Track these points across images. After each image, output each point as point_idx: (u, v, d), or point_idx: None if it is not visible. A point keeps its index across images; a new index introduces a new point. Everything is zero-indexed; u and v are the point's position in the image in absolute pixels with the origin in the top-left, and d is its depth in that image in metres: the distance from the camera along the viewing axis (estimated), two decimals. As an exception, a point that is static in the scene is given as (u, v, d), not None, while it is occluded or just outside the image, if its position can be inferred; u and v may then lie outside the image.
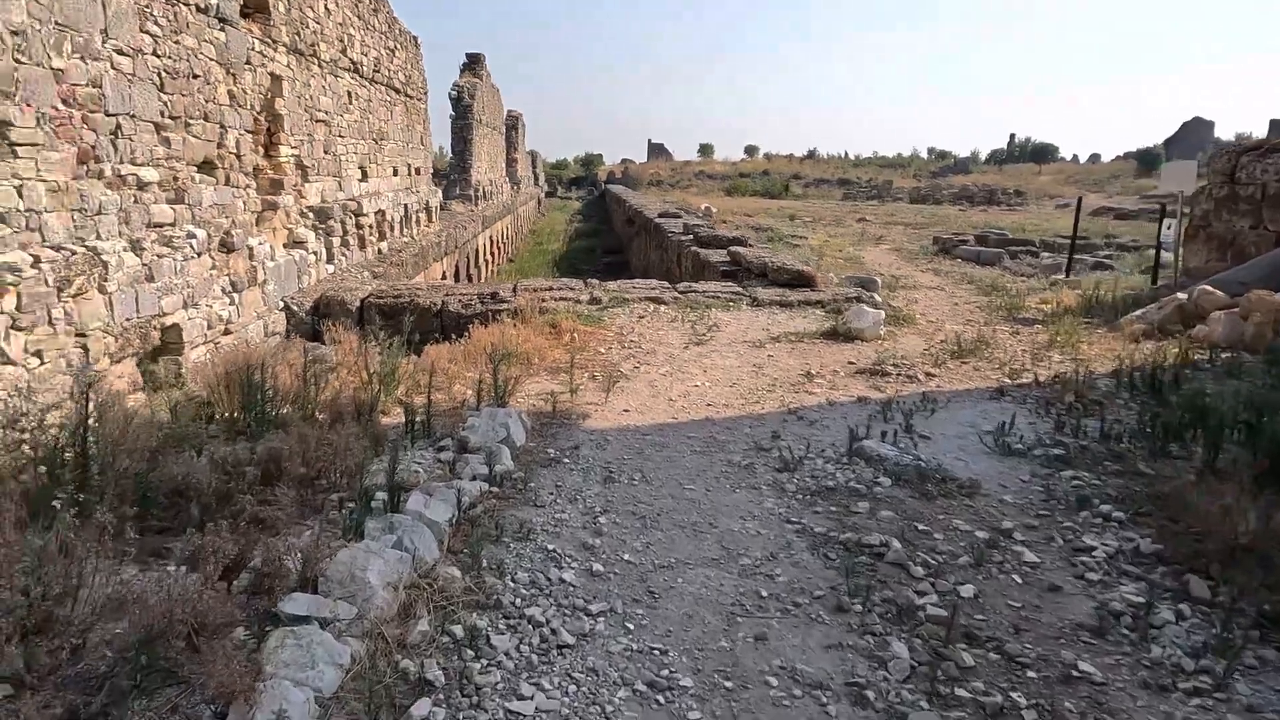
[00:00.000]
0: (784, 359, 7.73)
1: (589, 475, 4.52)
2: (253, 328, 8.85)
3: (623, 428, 5.45)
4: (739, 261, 12.90)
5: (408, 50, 16.71)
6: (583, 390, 6.25)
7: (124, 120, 6.66)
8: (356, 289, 10.33)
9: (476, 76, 26.85)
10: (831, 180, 57.48)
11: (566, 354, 7.49)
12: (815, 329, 8.99)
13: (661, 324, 9.16)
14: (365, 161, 13.62)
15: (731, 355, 7.81)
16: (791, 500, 4.25)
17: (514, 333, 7.33)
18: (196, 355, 7.65)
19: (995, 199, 44.38)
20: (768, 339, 8.55)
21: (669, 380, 6.77)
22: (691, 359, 7.58)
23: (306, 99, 10.93)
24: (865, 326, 8.69)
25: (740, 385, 6.71)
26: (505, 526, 3.70)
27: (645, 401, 6.10)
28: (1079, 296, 11.52)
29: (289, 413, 4.84)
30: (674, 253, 17.74)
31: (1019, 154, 66.11)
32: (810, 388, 6.66)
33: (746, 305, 10.31)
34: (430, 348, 7.32)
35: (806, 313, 10.05)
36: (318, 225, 11.26)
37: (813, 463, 4.78)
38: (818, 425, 5.58)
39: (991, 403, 6.25)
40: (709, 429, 5.48)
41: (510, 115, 40.16)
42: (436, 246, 17.53)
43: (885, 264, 21.11)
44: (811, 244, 24.37)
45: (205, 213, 7.98)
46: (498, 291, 10.33)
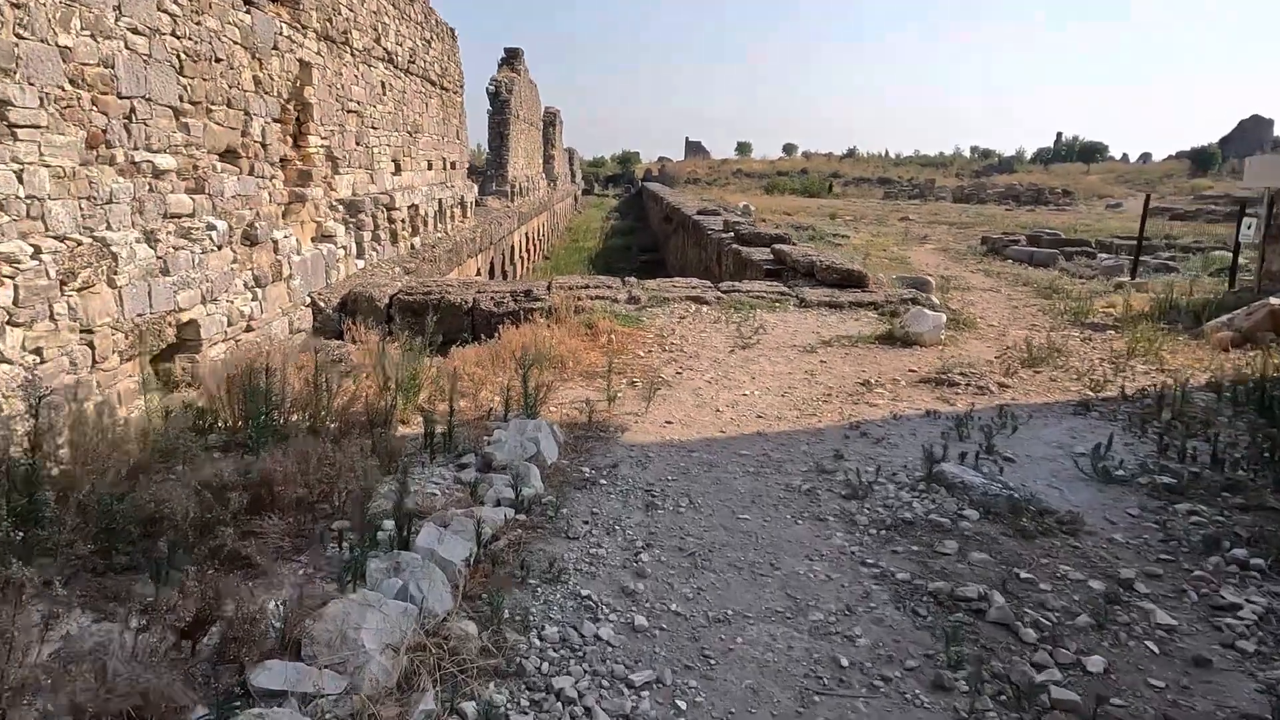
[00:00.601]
0: (838, 365, 7.09)
1: (629, 500, 3.95)
2: (277, 325, 8.43)
3: (665, 443, 4.87)
4: (783, 260, 12.25)
5: (444, 42, 16.29)
6: (621, 399, 5.68)
7: (139, 104, 6.24)
8: (385, 285, 9.89)
9: (514, 71, 26.42)
10: (871, 179, 56.31)
11: (603, 357, 6.93)
12: (869, 333, 8.33)
13: (704, 325, 8.57)
14: (399, 154, 13.21)
15: (781, 360, 7.19)
16: (864, 536, 3.63)
17: (547, 334, 6.78)
18: (215, 353, 7.23)
19: (1042, 199, 43.00)
20: (819, 343, 7.91)
21: (715, 388, 6.18)
22: (738, 364, 6.98)
23: (338, 88, 10.51)
24: (925, 331, 8.01)
25: (793, 395, 6.09)
26: (532, 564, 3.15)
27: (690, 412, 5.52)
28: (1150, 300, 10.70)
29: (297, 421, 4.34)
30: (713, 251, 17.11)
31: (1066, 153, 64.19)
32: (871, 399, 6.02)
33: (793, 306, 9.67)
34: (456, 350, 6.81)
35: (858, 315, 9.39)
36: (348, 219, 10.84)
37: (884, 489, 4.16)
38: (885, 443, 4.94)
39: (1077, 419, 5.56)
40: (761, 446, 4.88)
41: (548, 112, 39.77)
42: (471, 242, 17.10)
43: (932, 264, 20.28)
44: (854, 243, 23.60)
45: (227, 204, 7.56)
46: (531, 289, 9.81)
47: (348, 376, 5.66)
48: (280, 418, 4.17)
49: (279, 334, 8.48)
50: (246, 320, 7.78)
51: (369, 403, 4.57)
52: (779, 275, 11.92)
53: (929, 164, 65.31)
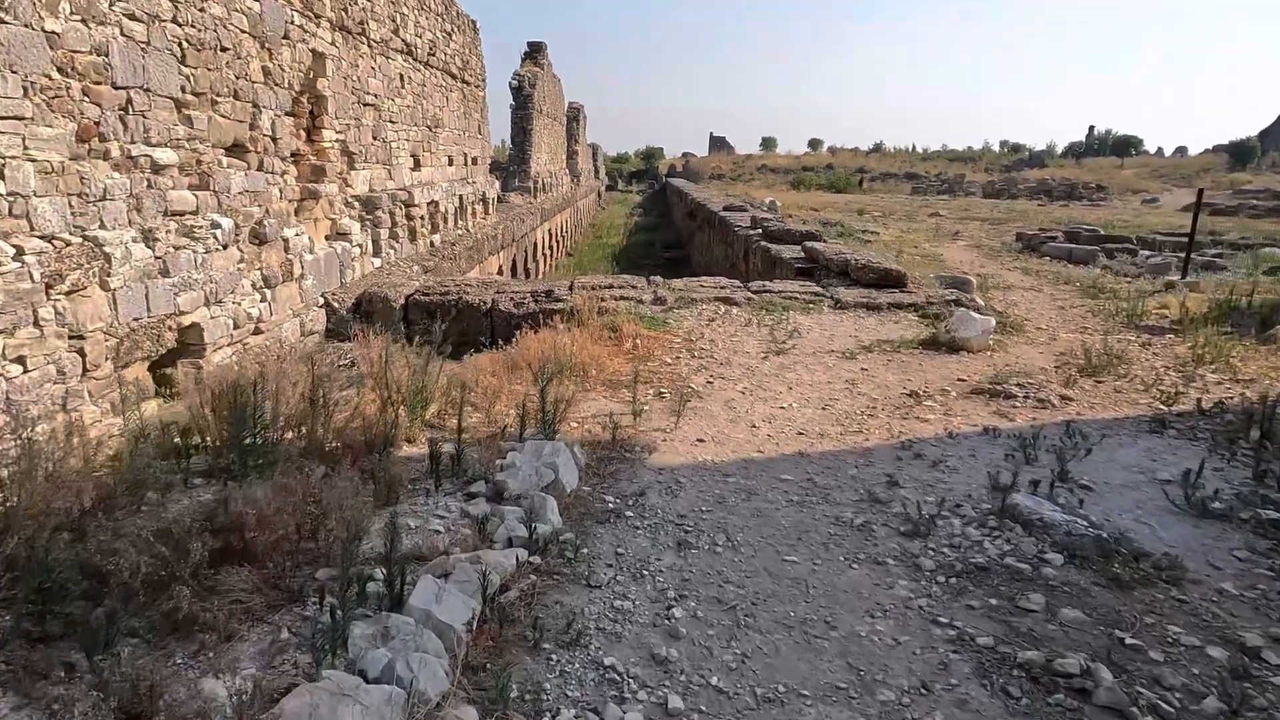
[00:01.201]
0: (881, 373, 6.55)
1: (658, 536, 3.47)
2: (287, 327, 8.04)
3: (698, 464, 4.38)
4: (815, 258, 11.69)
5: (465, 34, 15.86)
6: (648, 412, 5.20)
7: (136, 94, 5.84)
8: (401, 285, 9.47)
9: (538, 66, 25.97)
10: (898, 174, 55.29)
11: (628, 364, 6.45)
12: (912, 337, 7.77)
13: (734, 328, 8.05)
14: (418, 149, 12.80)
15: (819, 368, 6.66)
16: (931, 585, 3.12)
17: (567, 340, 6.30)
18: (220, 358, 6.84)
19: (1076, 194, 41.86)
20: (858, 348, 7.37)
21: (749, 399, 5.67)
22: (773, 372, 6.47)
23: (354, 80, 10.10)
24: (972, 336, 7.44)
25: (835, 407, 5.57)
26: (547, 623, 2.67)
27: (723, 428, 5.01)
28: (1207, 301, 10.02)
29: (292, 442, 3.90)
30: (740, 248, 16.57)
31: (1099, 147, 62.62)
32: (921, 412, 5.48)
33: (828, 308, 9.12)
34: (469, 358, 6.35)
35: (898, 317, 8.82)
36: (364, 216, 10.44)
37: (948, 524, 3.64)
38: (943, 467, 4.41)
39: (1154, 438, 4.99)
40: (805, 468, 4.37)
41: (571, 107, 39.28)
42: (492, 240, 16.69)
43: (966, 261, 19.58)
44: (884, 239, 22.92)
45: (234, 200, 7.16)
46: (553, 289, 9.35)
47: (352, 387, 5.23)
48: (271, 439, 3.73)
49: (290, 337, 8.08)
50: (255, 323, 7.39)
51: (370, 421, 4.12)
52: (810, 274, 11.37)
53: (957, 159, 64.04)
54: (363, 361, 8.14)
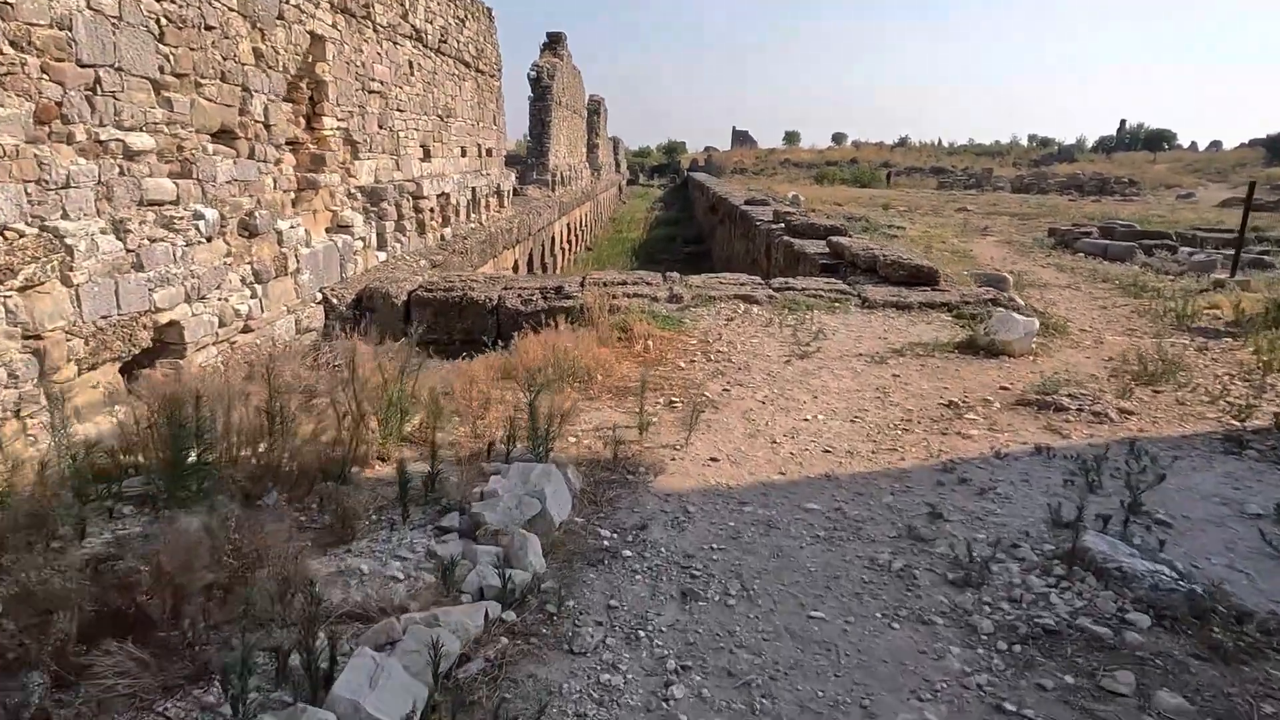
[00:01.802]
0: (915, 380, 5.95)
1: (660, 583, 2.92)
2: (281, 324, 7.57)
3: (710, 489, 3.82)
4: (841, 254, 11.06)
5: (480, 22, 15.35)
6: (656, 426, 4.64)
7: (105, 73, 5.36)
8: (404, 280, 8.98)
9: (557, 57, 25.42)
10: (924, 169, 54.19)
11: (638, 369, 5.91)
12: (946, 339, 7.16)
13: (755, 329, 7.47)
14: (428, 139, 12.31)
15: (846, 373, 6.07)
16: (992, 654, 2.55)
17: (570, 341, 5.74)
18: (204, 358, 6.37)
19: (1108, 189, 40.70)
20: (888, 351, 6.77)
21: (770, 410, 5.10)
22: (796, 378, 5.89)
23: (357, 66, 9.62)
24: (1014, 339, 6.81)
25: (866, 420, 4.99)
26: (513, 709, 2.14)
27: (740, 445, 4.45)
28: (1263, 301, 9.29)
29: (244, 461, 3.39)
30: (762, 243, 15.95)
31: (1130, 141, 61.00)
32: (962, 426, 4.88)
33: (855, 307, 8.51)
34: (463, 361, 5.82)
35: (930, 317, 8.20)
36: (369, 208, 9.96)
37: (1005, 570, 3.06)
38: (992, 495, 3.82)
39: (1232, 460, 4.36)
40: (832, 495, 3.80)
41: (592, 100, 38.70)
42: (507, 233, 16.19)
43: (997, 258, 18.81)
44: (911, 234, 22.17)
45: (221, 190, 6.68)
46: (563, 286, 8.81)
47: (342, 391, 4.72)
48: (218, 459, 3.22)
49: (283, 335, 7.62)
50: (243, 320, 6.91)
51: (338, 437, 3.60)
52: (835, 271, 10.75)
53: (984, 153, 62.67)
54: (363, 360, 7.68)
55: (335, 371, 7.16)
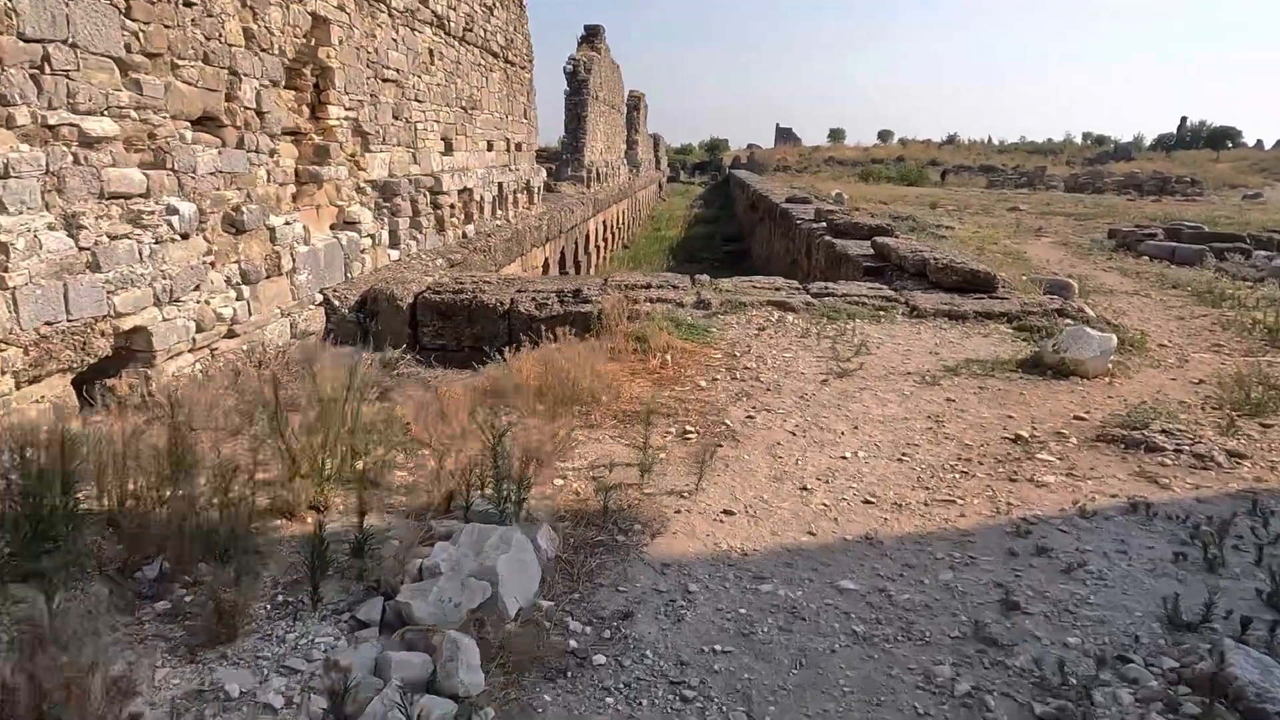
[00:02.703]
0: (973, 407, 5.09)
1: (637, 710, 2.16)
2: (273, 328, 6.94)
3: (719, 557, 3.04)
4: (886, 256, 10.15)
5: (509, 10, 14.68)
6: (664, 463, 3.87)
7: (56, 50, 4.75)
8: (412, 281, 8.32)
9: (594, 50, 24.69)
10: (973, 167, 52.44)
11: (652, 387, 5.14)
12: (1008, 356, 6.26)
13: (788, 341, 6.65)
14: (450, 132, 11.66)
15: (892, 397, 5.23)
16: None
17: (575, 357, 4.96)
18: (178, 366, 5.76)
19: (1168, 188, 38.75)
20: (941, 370, 5.90)
21: (801, 444, 4.29)
22: (833, 402, 5.06)
23: (369, 52, 8.99)
24: (1088, 357, 5.89)
25: (915, 458, 4.16)
26: None
27: (762, 492, 3.65)
28: (1369, 315, 8.20)
29: (138, 512, 2.69)
30: (802, 243, 15.05)
31: (1191, 139, 58.31)
32: (1034, 469, 4.02)
33: (902, 316, 7.62)
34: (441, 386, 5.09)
35: (987, 329, 7.28)
36: (381, 203, 9.34)
37: (1114, 701, 2.21)
38: (1082, 573, 2.97)
39: (1386, 527, 3.45)
40: (874, 566, 3.00)
41: (632, 95, 37.89)
42: (536, 231, 15.52)
43: (1054, 260, 17.64)
44: (960, 235, 21.03)
45: (202, 182, 6.06)
46: (581, 289, 8.07)
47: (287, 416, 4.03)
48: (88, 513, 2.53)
49: (276, 339, 6.99)
50: (227, 324, 6.29)
51: (255, 481, 2.89)
52: (880, 274, 9.85)
53: (1036, 151, 60.46)
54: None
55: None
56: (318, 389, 3.51)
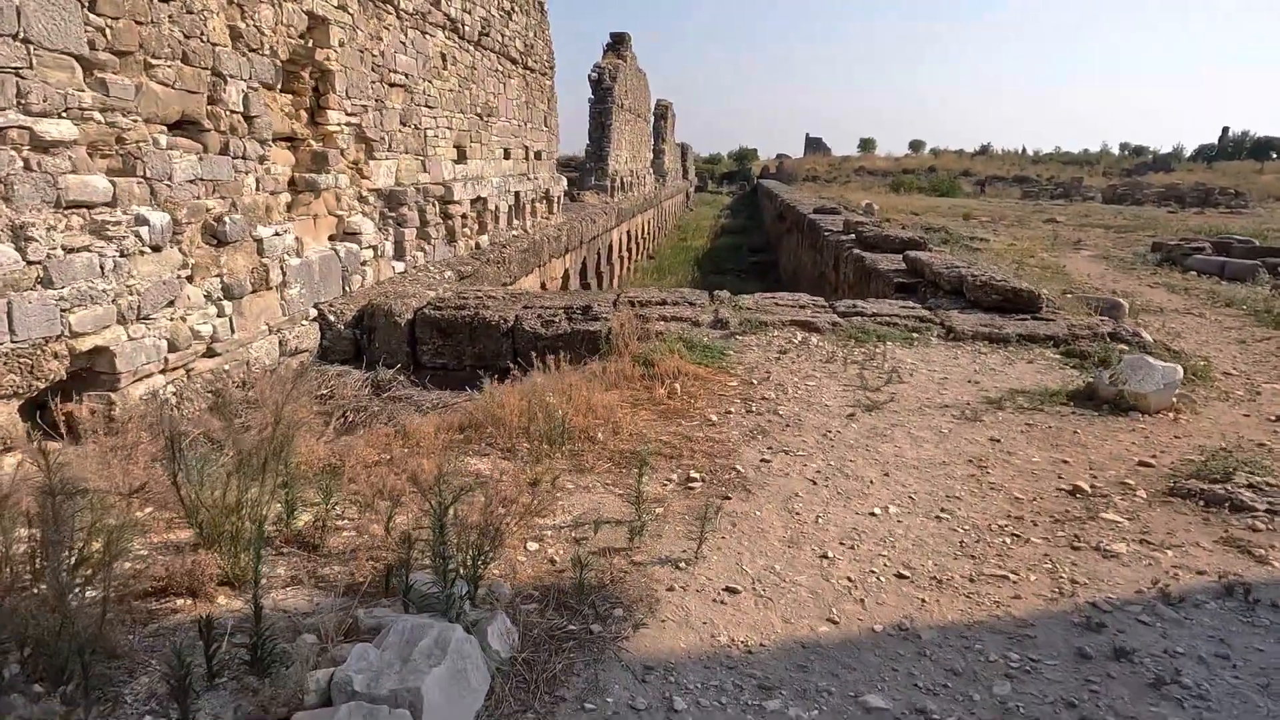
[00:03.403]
0: (1021, 448, 4.44)
1: None
2: (260, 346, 6.47)
3: (716, 655, 2.45)
4: (920, 271, 9.48)
5: (529, 15, 14.23)
6: (659, 521, 3.28)
7: (2, 45, 4.32)
8: (413, 295, 7.83)
9: (620, 58, 24.23)
10: (1007, 178, 51.24)
11: (656, 420, 4.56)
12: (1057, 386, 5.59)
13: (812, 366, 6.04)
14: (464, 139, 11.21)
15: (928, 435, 4.60)
16: None
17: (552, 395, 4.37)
18: (146, 389, 5.29)
19: (1211, 200, 37.41)
20: (982, 402, 5.25)
21: (823, 495, 3.68)
22: (861, 441, 4.44)
23: (375, 55, 8.55)
24: (1150, 391, 5.20)
25: (957, 515, 3.53)
26: None
27: (774, 561, 3.05)
28: None
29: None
30: (830, 255, 14.40)
31: (1234, 150, 56.49)
32: (1099, 532, 3.38)
33: (938, 338, 6.97)
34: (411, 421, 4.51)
35: (1032, 354, 6.61)
36: (386, 213, 8.88)
37: None
38: (1176, 691, 2.32)
39: None
40: (909, 675, 2.38)
41: (659, 104, 37.40)
42: (555, 241, 15.02)
43: (1095, 275, 16.78)
44: (995, 247, 20.21)
45: (179, 191, 5.61)
46: (591, 305, 7.53)
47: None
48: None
49: (264, 358, 6.52)
50: (206, 342, 5.83)
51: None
52: (913, 291, 9.19)
53: (1072, 161, 58.94)
54: (350, 388, 6.55)
55: (322, 400, 6.04)
56: (233, 432, 2.97)
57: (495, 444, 3.97)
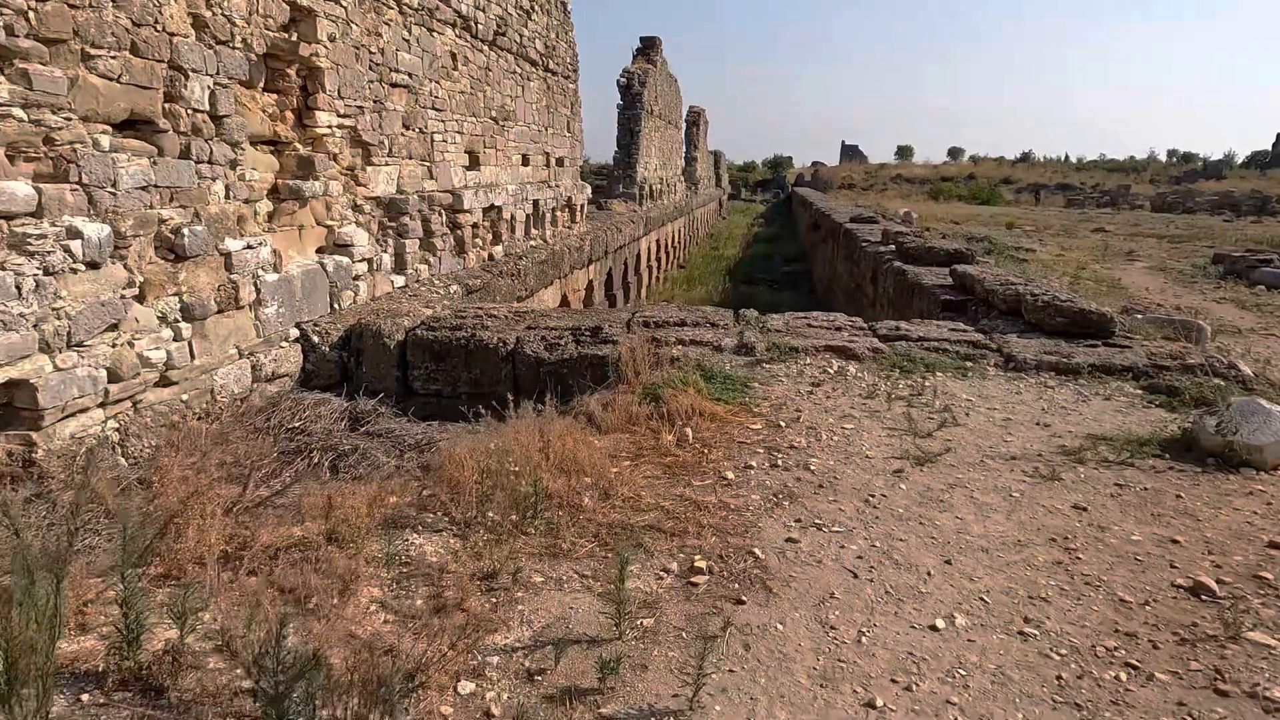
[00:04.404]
0: (1115, 520, 3.50)
1: None
2: (227, 373, 5.73)
3: None
4: (970, 288, 8.50)
5: (551, 16, 13.49)
6: (646, 641, 2.43)
7: (-110, 28, 3.63)
8: (406, 314, 7.06)
9: (650, 63, 23.42)
10: (1049, 185, 49.53)
11: (659, 478, 3.70)
12: (1145, 432, 4.62)
13: (850, 401, 5.14)
14: (476, 145, 10.47)
15: (994, 499, 3.68)
16: None
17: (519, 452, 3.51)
18: (78, 427, 4.56)
19: (1268, 208, 35.51)
20: (1058, 453, 4.31)
21: (865, 596, 2.79)
22: (911, 510, 3.54)
23: (373, 52, 7.83)
24: (1268, 443, 4.22)
25: (1046, 629, 2.62)
26: None
27: (800, 713, 2.19)
28: None
29: None
30: (868, 268, 13.42)
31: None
32: (1247, 665, 2.45)
33: (995, 368, 6.02)
34: (338, 493, 3.63)
35: (1108, 388, 5.63)
36: (386, 223, 8.15)
37: None
38: None
39: None
40: None
41: (692, 111, 36.52)
42: (577, 251, 14.25)
43: (1154, 289, 15.58)
44: (1042, 258, 19.05)
45: (127, 199, 4.89)
46: (601, 326, 6.69)
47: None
48: None
49: (231, 385, 5.79)
50: (159, 370, 5.09)
51: None
52: (961, 310, 8.22)
53: (1118, 169, 56.82)
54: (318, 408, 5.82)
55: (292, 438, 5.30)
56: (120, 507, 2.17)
57: (451, 514, 3.15)
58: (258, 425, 5.59)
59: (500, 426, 3.84)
